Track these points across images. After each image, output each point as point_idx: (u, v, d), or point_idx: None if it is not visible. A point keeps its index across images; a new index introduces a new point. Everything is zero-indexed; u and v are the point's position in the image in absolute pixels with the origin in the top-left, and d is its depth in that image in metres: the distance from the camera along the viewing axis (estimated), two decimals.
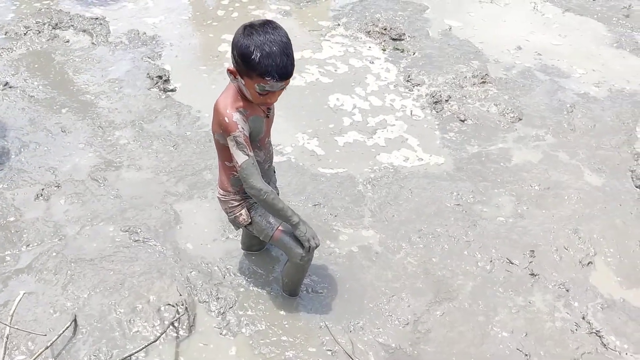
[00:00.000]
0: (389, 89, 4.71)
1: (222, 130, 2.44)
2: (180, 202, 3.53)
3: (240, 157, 2.44)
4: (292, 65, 2.34)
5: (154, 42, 4.99)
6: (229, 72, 2.39)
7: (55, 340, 2.69)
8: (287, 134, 4.17)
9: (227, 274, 3.15)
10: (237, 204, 2.71)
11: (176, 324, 2.85)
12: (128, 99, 4.31)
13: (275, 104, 2.55)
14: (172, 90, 4.44)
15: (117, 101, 4.28)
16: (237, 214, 2.72)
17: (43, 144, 3.85)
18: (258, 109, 2.50)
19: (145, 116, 4.18)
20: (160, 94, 4.40)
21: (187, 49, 5.01)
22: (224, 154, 2.57)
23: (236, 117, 2.40)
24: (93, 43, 4.88)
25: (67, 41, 4.88)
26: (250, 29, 2.29)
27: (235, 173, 2.59)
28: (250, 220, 2.73)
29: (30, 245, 3.19)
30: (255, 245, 3.22)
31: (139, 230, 3.32)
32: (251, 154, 2.46)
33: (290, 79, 2.38)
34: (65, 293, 2.96)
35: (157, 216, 3.42)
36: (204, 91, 4.50)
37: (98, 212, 3.42)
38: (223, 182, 2.68)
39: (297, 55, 4.98)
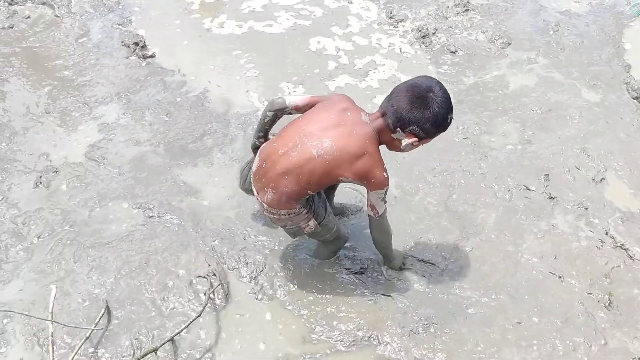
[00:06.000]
0: (373, 28, 4.59)
1: (367, 181, 2.41)
2: (186, 172, 3.41)
3: (381, 207, 2.52)
4: None
5: (120, 6, 4.72)
6: (410, 138, 2.38)
7: (93, 330, 2.61)
8: (270, 85, 4.05)
9: (249, 237, 3.09)
10: (305, 217, 2.59)
11: (212, 295, 2.79)
12: (108, 71, 4.09)
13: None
14: (151, 57, 4.23)
15: (97, 74, 4.06)
16: (304, 226, 2.62)
17: (29, 129, 3.65)
18: None
19: (130, 87, 3.98)
20: (140, 61, 4.19)
21: (155, 8, 4.76)
22: (315, 182, 2.44)
23: (387, 173, 2.44)
24: (56, 15, 4.59)
25: (28, 17, 4.57)
26: (437, 97, 2.33)
27: (308, 195, 2.51)
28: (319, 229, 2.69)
29: (42, 237, 3.05)
30: None
31: (152, 206, 3.21)
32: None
33: None
34: (90, 280, 2.86)
35: (166, 189, 3.31)
36: (184, 52, 4.31)
37: (104, 193, 3.28)
38: (291, 203, 2.50)
39: (264, 1, 4.82)
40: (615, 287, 2.94)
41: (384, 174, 2.40)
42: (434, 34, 4.44)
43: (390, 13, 4.68)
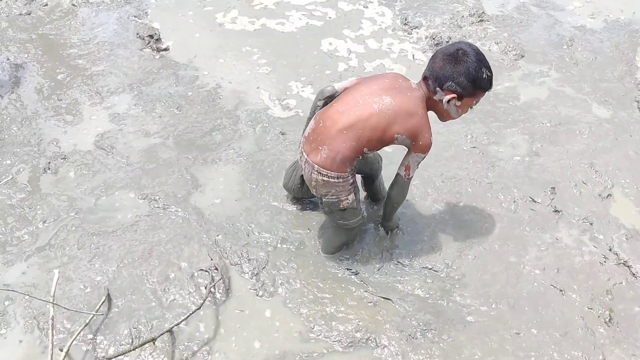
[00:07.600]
0: (386, 33, 4.60)
1: (415, 142, 2.55)
2: (194, 165, 3.43)
3: (413, 172, 2.70)
4: None
5: None
6: (452, 98, 2.50)
7: (93, 316, 2.62)
8: (280, 83, 4.08)
9: (252, 233, 3.09)
10: (349, 187, 2.65)
11: (213, 289, 2.80)
12: (121, 62, 4.12)
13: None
14: (165, 50, 4.26)
15: (110, 65, 4.09)
16: (343, 199, 2.67)
17: (40, 115, 3.67)
18: None
19: (142, 79, 4.01)
20: (154, 54, 4.22)
21: (171, 1, 4.79)
22: (375, 139, 2.53)
23: (432, 139, 2.60)
24: (73, 5, 4.62)
25: (46, 4, 4.61)
26: (467, 53, 2.47)
27: (362, 156, 2.59)
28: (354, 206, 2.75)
29: (47, 222, 3.07)
30: (304, 194, 3.12)
31: (158, 197, 3.22)
32: None
33: None
34: (92, 267, 2.87)
35: (173, 182, 3.32)
36: (198, 47, 4.33)
37: (111, 182, 3.30)
38: (345, 164, 2.57)
39: None
40: (616, 303, 2.93)
41: (431, 138, 2.57)
42: (447, 42, 4.44)
43: (405, 19, 4.70)
